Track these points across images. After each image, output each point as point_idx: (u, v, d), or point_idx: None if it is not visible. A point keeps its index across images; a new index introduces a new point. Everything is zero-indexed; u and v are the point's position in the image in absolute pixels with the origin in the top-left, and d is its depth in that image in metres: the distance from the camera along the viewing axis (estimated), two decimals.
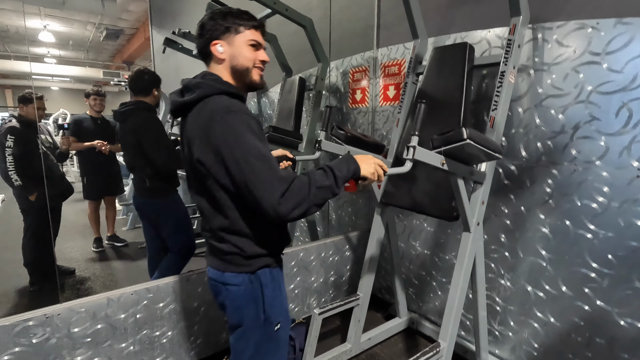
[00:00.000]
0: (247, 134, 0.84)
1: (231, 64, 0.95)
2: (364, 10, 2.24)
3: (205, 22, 0.95)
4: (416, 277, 2.09)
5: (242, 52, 0.94)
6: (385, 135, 2.18)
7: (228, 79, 0.96)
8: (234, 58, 0.94)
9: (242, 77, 0.96)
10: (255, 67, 0.96)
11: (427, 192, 1.52)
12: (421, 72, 1.76)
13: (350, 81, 2.39)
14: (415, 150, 1.07)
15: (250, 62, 0.95)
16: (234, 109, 0.86)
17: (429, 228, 2.00)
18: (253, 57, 0.96)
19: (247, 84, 0.97)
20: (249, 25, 0.95)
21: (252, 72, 0.96)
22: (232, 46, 0.94)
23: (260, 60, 0.97)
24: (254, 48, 0.96)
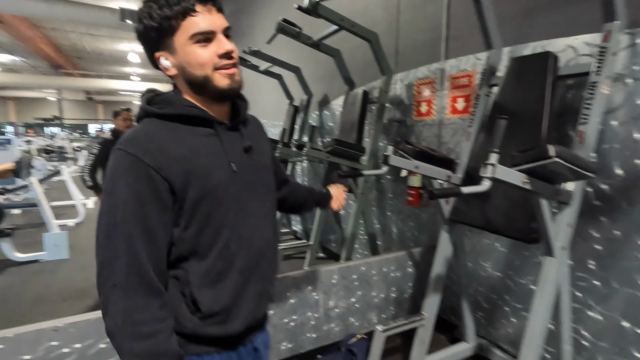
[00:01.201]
0: (118, 188, 0.63)
1: (184, 78, 0.71)
2: (430, 22, 2.20)
3: (138, 28, 0.69)
4: (486, 300, 1.96)
5: (190, 59, 0.68)
6: (453, 149, 2.10)
7: (190, 95, 0.73)
8: (184, 70, 0.70)
9: (204, 89, 0.70)
10: (217, 71, 0.69)
11: (502, 210, 1.43)
12: (495, 84, 1.67)
13: (415, 93, 2.35)
14: (496, 169, 1.01)
15: (205, 68, 0.68)
16: (127, 144, 0.64)
17: (501, 248, 1.87)
18: (206, 59, 0.67)
19: (215, 95, 0.71)
20: (180, 12, 0.65)
21: (213, 78, 0.69)
22: (175, 55, 0.69)
23: (220, 55, 0.68)
24: (203, 44, 0.67)
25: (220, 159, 0.72)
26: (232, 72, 0.71)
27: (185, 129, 0.70)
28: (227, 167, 0.72)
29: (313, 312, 1.87)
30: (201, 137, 0.71)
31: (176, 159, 0.66)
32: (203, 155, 0.70)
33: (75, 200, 5.31)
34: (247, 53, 3.23)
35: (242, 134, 0.78)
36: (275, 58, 3.29)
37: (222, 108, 0.76)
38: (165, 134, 0.68)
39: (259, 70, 3.62)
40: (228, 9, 4.81)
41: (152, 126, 0.69)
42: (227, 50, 0.69)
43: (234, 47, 0.71)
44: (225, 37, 0.70)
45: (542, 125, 1.33)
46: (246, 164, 0.76)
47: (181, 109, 0.70)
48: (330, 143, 2.20)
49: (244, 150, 0.77)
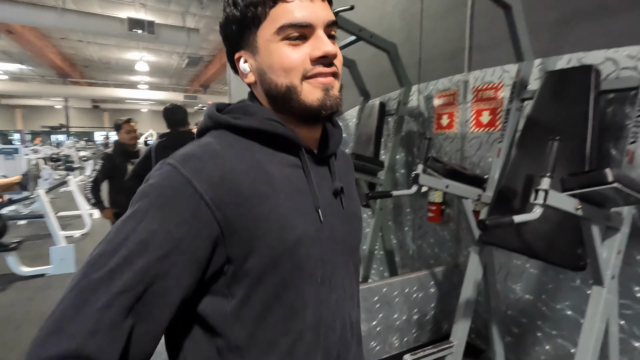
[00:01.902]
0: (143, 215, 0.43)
1: (263, 88, 0.52)
2: (452, 32, 2.13)
3: (221, 21, 0.54)
4: (516, 325, 1.85)
5: (272, 60, 0.50)
6: (478, 164, 2.01)
7: (270, 109, 0.54)
8: (263, 77, 0.51)
9: (287, 105, 0.51)
10: (307, 80, 0.49)
11: (542, 233, 1.34)
12: (527, 98, 1.59)
13: (436, 106, 2.27)
14: (549, 195, 0.92)
15: (290, 75, 0.49)
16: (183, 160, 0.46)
17: (532, 270, 1.77)
18: (295, 62, 0.49)
19: (301, 114, 0.51)
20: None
21: (300, 89, 0.49)
22: (257, 55, 0.51)
23: (314, 58, 0.49)
24: (294, 42, 0.49)
25: (305, 203, 0.51)
26: (328, 82, 0.50)
27: (264, 152, 0.51)
28: (312, 215, 0.51)
29: None
30: (283, 167, 0.51)
31: (246, 195, 0.45)
32: (283, 192, 0.48)
33: (81, 210, 5.26)
34: None
35: (332, 170, 0.57)
36: None
37: (311, 133, 0.55)
38: (238, 155, 0.48)
39: None
40: None
41: (222, 142, 0.49)
42: (327, 53, 0.48)
43: (337, 50, 0.50)
44: (326, 36, 0.49)
45: (587, 145, 1.25)
46: (335, 212, 0.55)
47: (263, 123, 0.50)
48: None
49: (334, 193, 0.56)
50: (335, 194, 0.56)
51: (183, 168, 0.44)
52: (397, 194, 1.52)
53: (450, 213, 2.21)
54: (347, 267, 0.57)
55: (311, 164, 0.54)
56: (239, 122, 0.51)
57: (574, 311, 1.59)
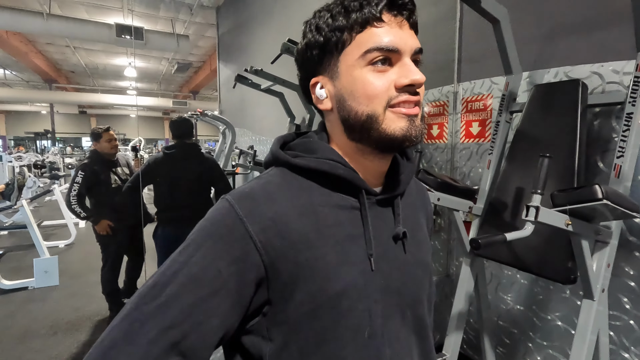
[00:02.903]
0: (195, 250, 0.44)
1: (341, 116, 0.50)
2: (442, 44, 2.15)
3: (300, 46, 0.53)
4: (507, 335, 1.85)
5: (356, 87, 0.47)
6: (468, 174, 2.02)
7: (341, 141, 0.52)
8: (342, 104, 0.49)
9: (366, 134, 0.48)
10: (391, 108, 0.47)
11: (533, 247, 1.34)
12: (516, 110, 1.61)
13: (426, 116, 2.28)
14: (539, 212, 0.93)
15: (374, 103, 0.47)
16: (240, 198, 0.47)
17: (522, 280, 1.78)
18: (379, 89, 0.46)
19: (380, 144, 0.49)
20: (359, 22, 0.46)
21: (382, 119, 0.47)
22: (337, 80, 0.49)
23: (400, 87, 0.47)
24: (380, 68, 0.47)
25: (358, 250, 0.48)
26: (414, 112, 0.47)
27: (322, 192, 0.49)
28: (363, 263, 0.48)
29: None
30: (338, 210, 0.49)
31: (294, 240, 0.45)
32: (333, 239, 0.47)
33: (66, 219, 5.14)
34: (249, 72, 3.17)
35: (396, 211, 0.53)
36: (277, 77, 3.23)
37: (379, 165, 0.52)
38: (293, 196, 0.48)
39: (260, 88, 3.55)
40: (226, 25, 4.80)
41: (280, 181, 0.49)
42: (414, 82, 0.46)
43: (423, 79, 0.47)
44: (413, 63, 0.47)
45: (575, 159, 1.26)
46: (393, 259, 0.51)
47: (322, 164, 0.49)
48: None
49: (394, 238, 0.52)
50: (395, 239, 0.52)
51: (239, 207, 0.45)
52: None
53: (441, 223, 2.22)
54: (405, 320, 0.52)
55: (371, 205, 0.51)
56: (297, 161, 0.50)
57: (564, 322, 1.60)
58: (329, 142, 0.54)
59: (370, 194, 0.51)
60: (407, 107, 0.47)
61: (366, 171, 0.52)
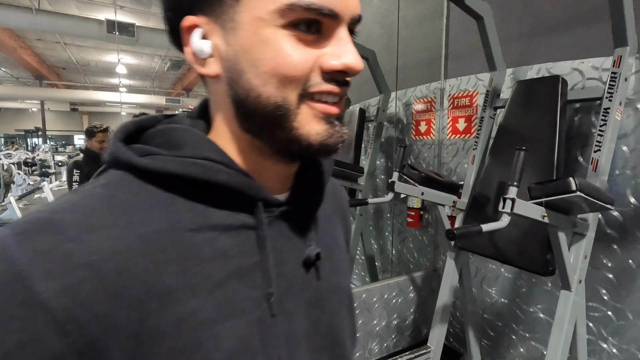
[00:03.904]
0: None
1: (232, 94, 0.33)
2: (429, 41, 2.17)
3: None
4: (491, 328, 1.88)
5: (262, 57, 0.31)
6: (454, 170, 2.05)
7: (229, 132, 0.35)
8: (238, 75, 0.32)
9: (266, 130, 0.33)
10: (307, 101, 0.32)
11: (514, 239, 1.37)
12: (500, 106, 1.63)
13: (414, 112, 2.30)
14: (515, 204, 0.95)
15: (287, 87, 0.31)
16: (26, 232, 0.26)
17: (506, 274, 1.81)
18: (300, 67, 0.31)
19: (283, 148, 0.34)
20: None
21: (294, 114, 0.32)
22: (232, 36, 0.31)
23: (328, 70, 0.31)
24: (304, 35, 0.31)
25: (248, 290, 0.33)
26: (335, 111, 0.33)
27: (189, 209, 0.32)
28: (259, 307, 0.33)
29: None
30: (218, 234, 0.32)
31: (136, 295, 0.27)
32: (210, 280, 0.31)
33: None
34: None
35: (308, 226, 0.38)
36: None
37: (284, 167, 0.37)
38: (136, 220, 0.29)
39: None
40: None
41: (111, 195, 0.30)
42: (348, 67, 0.31)
43: (360, 62, 0.32)
44: (349, 36, 0.33)
45: (555, 153, 1.29)
46: (301, 292, 0.37)
47: (190, 167, 0.31)
48: None
49: (305, 264, 0.37)
50: (307, 265, 0.37)
51: (22, 248, 0.25)
52: (373, 202, 1.53)
53: (428, 218, 2.24)
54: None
55: (273, 220, 0.35)
56: (146, 162, 0.31)
57: (546, 314, 1.63)
58: (209, 130, 0.36)
59: (271, 204, 0.35)
60: (330, 103, 0.32)
61: (265, 173, 0.35)
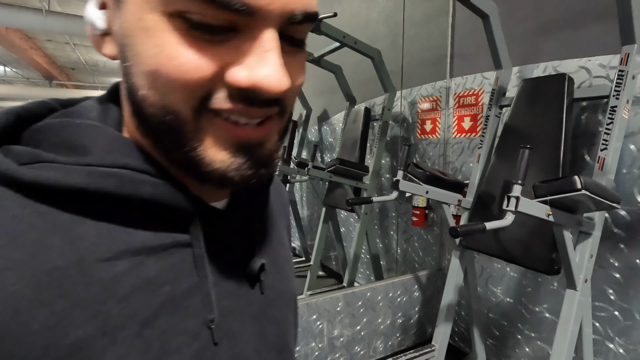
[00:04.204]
0: None
1: (125, 84, 0.26)
2: (435, 40, 2.16)
3: None
4: (497, 328, 1.88)
5: (143, 48, 0.23)
6: (460, 169, 2.04)
7: (129, 116, 0.27)
8: (125, 64, 0.24)
9: (160, 143, 0.26)
10: (211, 114, 0.24)
11: (519, 238, 1.36)
12: (505, 105, 1.63)
13: (419, 111, 2.30)
14: (519, 202, 0.95)
15: (174, 94, 0.23)
16: None
17: (512, 273, 1.80)
18: (193, 72, 0.22)
19: (178, 164, 0.26)
20: None
21: (191, 129, 0.24)
22: (120, 14, 0.24)
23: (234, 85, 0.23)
24: (204, 36, 0.22)
25: (185, 319, 0.27)
26: (247, 135, 0.26)
27: (101, 232, 0.24)
28: (197, 337, 0.28)
29: (317, 343, 1.77)
30: (142, 260, 0.25)
31: (23, 356, 0.20)
32: (134, 320, 0.24)
33: None
34: None
35: (251, 234, 0.34)
36: None
37: None
38: (22, 255, 0.21)
39: None
40: None
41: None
42: (257, 84, 0.23)
43: (280, 81, 0.23)
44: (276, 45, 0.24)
45: (561, 152, 1.28)
46: (245, 308, 0.32)
47: (101, 180, 0.24)
48: (333, 162, 2.13)
49: (249, 276, 0.33)
50: (251, 279, 0.33)
51: None
52: (378, 200, 1.53)
53: (434, 217, 2.24)
54: None
55: (210, 234, 0.29)
56: (34, 175, 0.23)
57: (552, 314, 1.62)
58: (121, 124, 0.29)
59: (208, 214, 0.29)
60: (242, 124, 0.25)
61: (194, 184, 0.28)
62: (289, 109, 0.29)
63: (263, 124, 0.26)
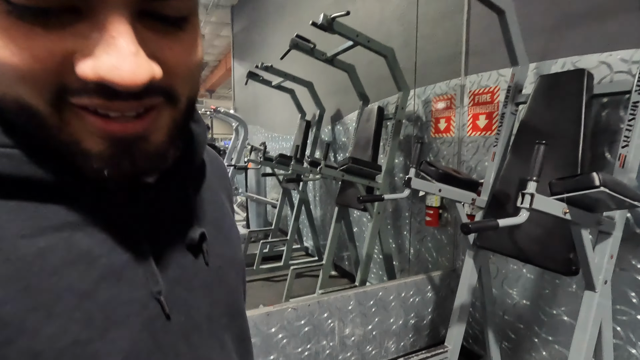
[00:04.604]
0: None
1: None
2: (449, 37, 2.13)
3: None
4: (512, 330, 1.83)
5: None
6: (474, 168, 2.01)
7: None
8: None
9: (27, 132, 0.23)
10: (76, 107, 0.22)
11: (535, 237, 1.33)
12: (522, 102, 1.59)
13: (433, 110, 2.27)
14: (534, 199, 0.92)
15: (20, 86, 0.21)
16: None
17: (528, 275, 1.76)
18: (31, 62, 0.20)
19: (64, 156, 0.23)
20: None
21: (54, 122, 0.22)
22: None
23: (84, 78, 0.20)
24: (31, 20, 0.19)
25: (128, 289, 0.26)
26: (128, 130, 0.23)
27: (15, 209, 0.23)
28: (145, 308, 0.27)
29: (328, 341, 1.77)
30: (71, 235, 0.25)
31: None
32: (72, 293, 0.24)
33: None
34: (260, 68, 3.22)
35: (188, 204, 0.33)
36: (287, 73, 3.27)
37: None
38: None
39: (271, 85, 3.60)
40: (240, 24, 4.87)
41: None
42: (103, 78, 0.20)
43: (136, 73, 0.21)
44: (127, 25, 0.21)
45: (579, 149, 1.24)
46: (195, 277, 0.32)
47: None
48: (345, 161, 2.13)
49: (191, 246, 0.32)
50: (193, 249, 0.32)
51: None
52: (389, 198, 1.52)
53: (447, 217, 2.21)
54: (224, 350, 0.34)
55: (144, 206, 0.29)
56: None
57: (570, 316, 1.57)
58: None
59: (137, 187, 0.28)
60: (114, 118, 0.23)
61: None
62: (182, 96, 0.26)
63: (143, 116, 0.24)
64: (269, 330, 1.61)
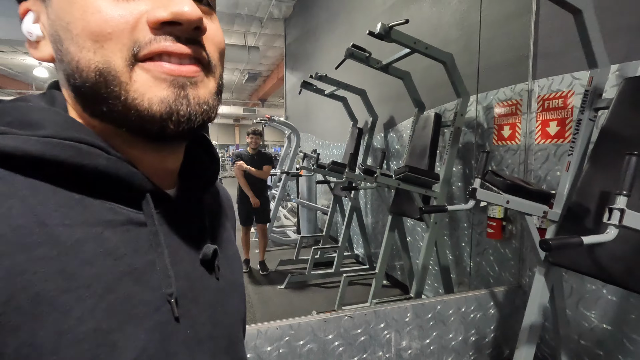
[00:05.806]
0: None
1: (63, 69, 0.29)
2: (515, 40, 2.03)
3: None
4: (590, 357, 1.67)
5: (72, 17, 0.27)
6: (544, 178, 1.87)
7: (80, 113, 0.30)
8: (59, 47, 0.29)
9: (97, 104, 0.28)
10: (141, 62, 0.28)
11: (621, 256, 1.21)
12: (602, 107, 1.46)
13: (496, 116, 2.16)
14: (625, 215, 0.85)
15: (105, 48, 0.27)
16: None
17: (609, 296, 1.59)
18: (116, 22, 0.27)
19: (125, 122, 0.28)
20: None
21: (126, 79, 0.28)
22: (49, 7, 0.29)
23: (155, 23, 0.27)
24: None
25: (145, 291, 0.29)
26: (183, 72, 0.29)
27: (59, 200, 0.27)
28: (158, 311, 0.29)
29: (384, 352, 1.74)
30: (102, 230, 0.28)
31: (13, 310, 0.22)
32: (97, 283, 0.26)
33: None
34: (314, 78, 3.30)
35: (201, 223, 0.36)
36: (340, 82, 3.31)
37: (158, 159, 0.33)
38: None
39: (324, 93, 3.67)
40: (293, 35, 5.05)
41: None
42: (177, 16, 0.27)
43: (195, 10, 0.28)
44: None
45: None
46: (202, 292, 0.34)
47: (58, 148, 0.26)
48: (402, 169, 2.10)
49: (202, 262, 0.35)
50: (205, 263, 0.35)
51: None
52: (453, 209, 1.47)
53: (512, 229, 2.08)
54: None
55: (162, 217, 0.32)
56: (34, 150, 0.25)
57: None
58: (67, 112, 0.31)
59: (159, 199, 0.32)
60: (173, 63, 0.28)
61: (143, 166, 0.31)
62: (215, 68, 0.32)
63: (194, 63, 0.30)
64: (326, 337, 1.63)
